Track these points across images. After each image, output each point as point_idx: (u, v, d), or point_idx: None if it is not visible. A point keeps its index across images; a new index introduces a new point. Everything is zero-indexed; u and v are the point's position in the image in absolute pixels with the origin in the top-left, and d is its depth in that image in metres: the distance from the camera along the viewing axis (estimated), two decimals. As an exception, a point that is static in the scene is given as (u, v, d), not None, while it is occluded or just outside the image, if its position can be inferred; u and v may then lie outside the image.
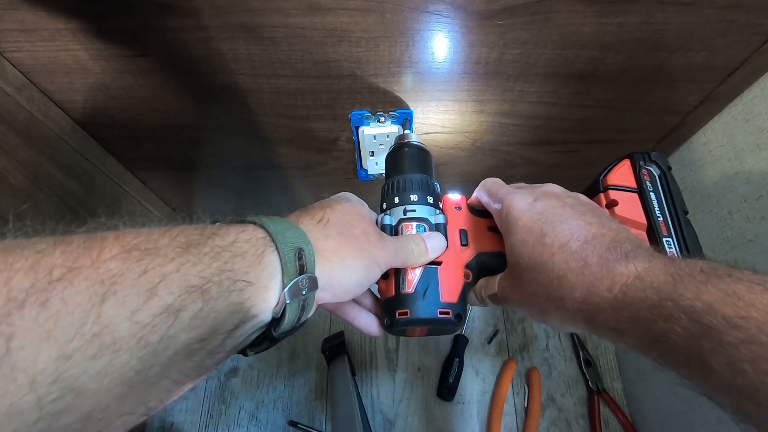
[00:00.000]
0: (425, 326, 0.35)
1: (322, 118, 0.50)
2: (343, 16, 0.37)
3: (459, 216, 0.39)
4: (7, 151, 0.43)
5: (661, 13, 0.37)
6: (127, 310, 0.17)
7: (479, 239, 0.37)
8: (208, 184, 0.67)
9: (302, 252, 0.24)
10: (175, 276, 0.19)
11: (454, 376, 0.67)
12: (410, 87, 0.45)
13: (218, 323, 0.20)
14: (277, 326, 0.24)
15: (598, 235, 0.27)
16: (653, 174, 0.36)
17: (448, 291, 0.34)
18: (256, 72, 0.43)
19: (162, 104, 0.49)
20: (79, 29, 0.39)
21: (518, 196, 0.32)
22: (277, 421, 0.66)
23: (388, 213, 0.38)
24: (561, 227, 0.28)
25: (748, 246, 0.46)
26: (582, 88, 0.45)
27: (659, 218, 0.34)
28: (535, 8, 0.36)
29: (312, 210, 0.29)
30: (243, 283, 0.21)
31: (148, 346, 0.17)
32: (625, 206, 0.35)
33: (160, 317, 0.18)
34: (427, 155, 0.43)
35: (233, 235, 0.22)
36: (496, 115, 0.50)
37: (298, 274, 0.24)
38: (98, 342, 0.16)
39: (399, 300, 0.34)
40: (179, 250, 0.19)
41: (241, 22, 0.37)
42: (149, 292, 0.18)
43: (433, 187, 0.39)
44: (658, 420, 0.62)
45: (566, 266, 0.27)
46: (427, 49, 0.40)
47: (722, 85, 0.45)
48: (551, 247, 0.28)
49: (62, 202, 0.50)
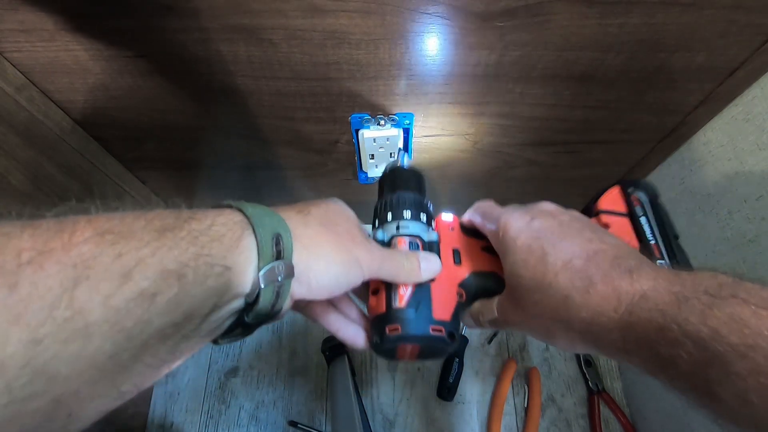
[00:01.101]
0: (416, 344, 0.33)
1: (322, 121, 0.50)
2: (343, 18, 0.37)
3: (452, 236, 0.38)
4: (7, 151, 0.43)
5: (661, 13, 0.37)
6: (100, 294, 0.16)
7: (473, 259, 0.37)
8: (208, 184, 0.67)
9: (280, 237, 0.24)
10: (150, 260, 0.18)
11: (454, 376, 0.67)
12: (410, 89, 0.45)
13: (194, 308, 0.20)
14: (250, 312, 0.23)
15: (599, 251, 0.27)
16: (642, 200, 0.37)
17: (441, 308, 0.33)
18: (256, 74, 0.43)
19: (162, 105, 0.49)
20: (79, 30, 0.39)
21: (514, 216, 0.32)
22: (277, 421, 0.66)
23: (381, 229, 0.37)
24: (561, 245, 0.28)
25: (748, 246, 0.46)
26: (582, 89, 0.45)
27: (651, 241, 0.35)
28: (536, 10, 0.36)
29: (294, 205, 0.29)
30: (220, 267, 0.21)
31: (122, 331, 0.17)
32: (617, 230, 0.36)
33: (134, 302, 0.17)
34: (419, 176, 0.42)
35: (210, 219, 0.22)
36: (497, 117, 0.50)
37: (274, 259, 0.23)
38: (70, 326, 0.16)
39: (390, 315, 0.32)
40: (155, 234, 0.19)
41: (241, 23, 0.37)
42: (124, 277, 0.17)
43: (426, 206, 0.39)
44: (658, 420, 0.62)
45: (571, 285, 0.26)
46: (427, 51, 0.40)
47: (722, 85, 0.45)
48: (554, 266, 0.27)
49: (62, 202, 0.50)
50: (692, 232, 0.54)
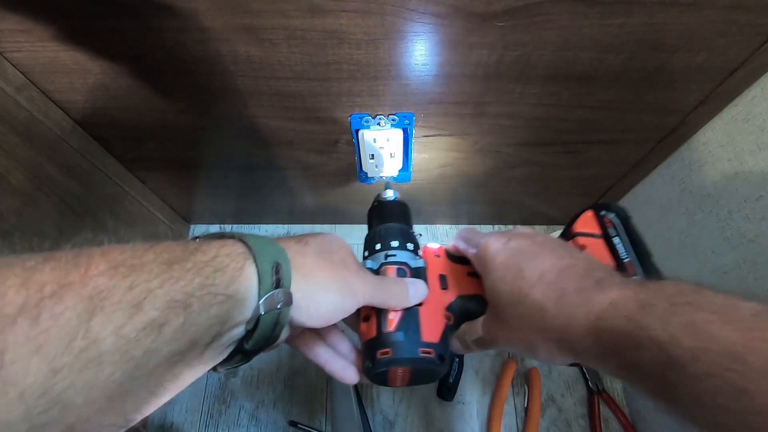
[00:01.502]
0: (407, 367, 0.34)
1: (322, 121, 0.50)
2: (343, 18, 0.37)
3: (438, 262, 0.40)
4: (7, 151, 0.43)
5: (661, 14, 0.37)
6: (113, 325, 0.17)
7: (459, 283, 0.39)
8: (208, 184, 0.67)
9: (279, 266, 0.25)
10: (159, 292, 0.19)
11: (454, 376, 0.67)
12: (410, 89, 0.45)
13: (198, 336, 0.21)
14: (250, 339, 0.24)
15: (571, 266, 0.29)
16: (615, 222, 0.39)
17: (430, 331, 0.34)
18: (256, 74, 0.43)
19: (162, 105, 0.49)
20: (79, 30, 0.39)
21: (493, 239, 0.34)
22: (277, 421, 0.66)
23: (371, 259, 0.39)
24: (536, 261, 0.30)
25: (748, 246, 0.46)
26: (582, 89, 0.45)
27: (625, 259, 0.36)
28: (536, 10, 0.36)
29: (292, 236, 0.30)
30: (222, 296, 0.22)
31: (132, 360, 0.18)
32: (593, 250, 0.38)
33: (144, 332, 0.18)
34: (405, 208, 0.45)
35: (215, 250, 0.23)
36: (497, 117, 0.50)
37: (274, 287, 0.24)
38: (85, 356, 0.16)
39: (380, 340, 0.33)
40: (163, 266, 0.20)
41: (241, 23, 0.37)
42: (135, 308, 0.18)
43: (411, 235, 0.41)
44: (658, 420, 0.62)
45: (545, 297, 0.28)
46: (427, 52, 0.40)
47: (722, 85, 0.45)
48: (529, 280, 0.29)
49: (62, 202, 0.50)
50: (692, 232, 0.54)
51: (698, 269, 0.53)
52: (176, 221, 0.76)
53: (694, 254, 0.54)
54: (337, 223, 0.81)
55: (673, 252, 0.57)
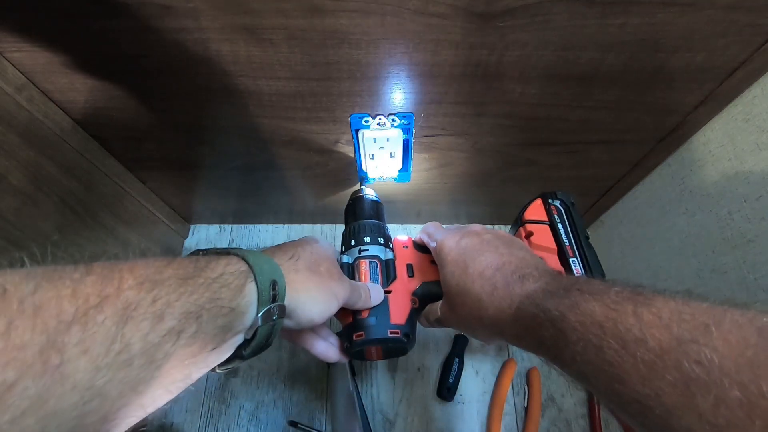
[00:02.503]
0: (379, 345, 0.41)
1: (322, 121, 0.50)
2: (343, 18, 0.37)
3: (406, 253, 0.46)
4: (7, 151, 0.43)
5: (661, 13, 0.37)
6: (141, 332, 0.21)
7: (423, 271, 0.45)
8: (208, 184, 0.67)
9: (276, 283, 0.29)
10: (176, 304, 0.23)
11: (454, 376, 0.67)
12: (410, 89, 0.45)
13: (206, 342, 0.25)
14: (247, 346, 0.29)
15: (506, 263, 0.34)
16: (560, 209, 0.45)
17: (397, 314, 0.41)
18: (256, 74, 0.43)
19: (162, 104, 0.49)
20: (79, 29, 0.39)
21: (448, 236, 0.40)
22: (277, 421, 0.66)
23: (347, 253, 0.45)
24: (479, 259, 0.36)
25: (748, 246, 0.46)
26: (582, 89, 0.45)
27: (566, 243, 0.43)
28: (536, 10, 0.36)
29: (285, 248, 0.35)
30: (227, 309, 0.26)
31: (155, 361, 0.22)
32: (540, 236, 0.44)
33: (164, 338, 0.22)
34: (378, 205, 0.51)
35: (221, 268, 0.27)
36: (497, 117, 0.50)
37: (271, 302, 0.28)
38: (120, 358, 0.20)
39: (356, 325, 0.40)
40: (180, 282, 0.24)
41: (241, 23, 0.37)
42: (158, 318, 0.22)
43: (383, 230, 0.47)
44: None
45: (482, 290, 0.34)
46: (427, 52, 0.40)
47: (722, 85, 0.45)
48: (472, 275, 0.35)
49: (62, 202, 0.50)
50: (692, 232, 0.54)
51: (698, 269, 0.53)
52: (176, 221, 0.76)
53: (694, 254, 0.54)
54: (337, 223, 0.81)
55: (673, 252, 0.57)
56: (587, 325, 0.24)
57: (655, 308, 0.22)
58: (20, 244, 0.44)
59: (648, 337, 0.21)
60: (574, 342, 0.25)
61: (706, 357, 0.19)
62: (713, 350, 0.19)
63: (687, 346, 0.20)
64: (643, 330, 0.22)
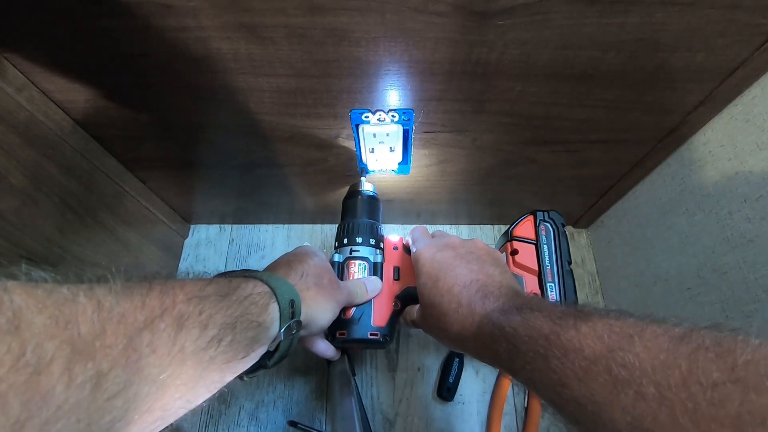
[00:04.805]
0: (358, 344, 0.45)
1: (323, 117, 0.50)
2: (343, 16, 0.37)
3: (395, 255, 0.48)
4: (7, 151, 0.43)
5: (661, 13, 0.37)
6: (191, 338, 0.25)
7: (409, 275, 0.46)
8: (208, 184, 0.67)
9: (293, 302, 0.34)
10: (217, 316, 0.27)
11: (454, 376, 0.67)
12: (410, 86, 0.45)
13: (239, 351, 0.29)
14: (271, 357, 0.34)
15: (473, 281, 0.36)
16: (549, 230, 0.46)
17: (379, 317, 0.44)
18: (257, 71, 0.43)
19: (162, 104, 0.49)
20: (78, 29, 0.39)
21: (425, 248, 0.42)
22: (277, 421, 0.66)
23: (338, 252, 0.47)
24: (450, 275, 0.38)
25: (748, 246, 0.46)
26: (582, 88, 0.45)
27: (547, 267, 0.44)
28: (536, 8, 0.36)
29: (293, 265, 0.39)
30: (255, 323, 0.30)
31: (201, 363, 0.26)
32: (524, 255, 0.45)
33: (209, 344, 0.26)
34: (375, 202, 0.52)
35: (250, 289, 0.32)
36: (496, 115, 0.50)
37: (290, 318, 0.34)
38: (177, 358, 0.24)
39: (340, 323, 0.43)
40: (219, 298, 0.28)
41: (241, 21, 0.37)
42: (203, 327, 0.26)
43: (377, 230, 0.48)
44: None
45: (448, 306, 0.36)
46: (427, 49, 0.40)
47: (722, 85, 0.45)
48: (441, 290, 0.37)
49: (62, 202, 0.50)
50: (692, 232, 0.54)
51: (698, 269, 0.53)
52: (176, 221, 0.76)
53: (694, 254, 0.54)
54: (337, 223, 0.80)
55: (674, 252, 0.57)
56: (535, 338, 0.27)
57: (591, 322, 0.25)
58: (20, 244, 0.44)
59: (584, 346, 0.24)
60: (524, 353, 0.28)
61: (630, 361, 0.22)
62: (635, 355, 0.22)
63: (615, 353, 0.22)
64: (581, 340, 0.25)
